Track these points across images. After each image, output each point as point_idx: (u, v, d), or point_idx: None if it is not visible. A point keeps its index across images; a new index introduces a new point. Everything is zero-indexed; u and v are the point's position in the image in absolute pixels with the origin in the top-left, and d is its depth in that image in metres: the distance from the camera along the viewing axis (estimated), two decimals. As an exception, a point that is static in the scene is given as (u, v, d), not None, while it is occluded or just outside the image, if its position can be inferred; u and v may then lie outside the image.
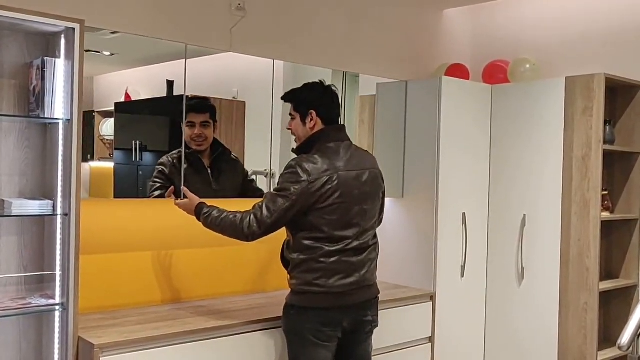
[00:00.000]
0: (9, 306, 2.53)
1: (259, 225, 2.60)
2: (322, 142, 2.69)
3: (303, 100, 2.75)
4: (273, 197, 2.62)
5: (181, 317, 2.98)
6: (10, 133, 2.67)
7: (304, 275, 2.65)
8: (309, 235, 2.63)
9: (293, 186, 2.58)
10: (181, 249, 3.36)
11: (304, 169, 2.59)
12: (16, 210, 2.56)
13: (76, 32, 2.53)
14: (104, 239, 3.08)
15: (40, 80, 2.58)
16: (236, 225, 2.63)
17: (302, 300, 2.67)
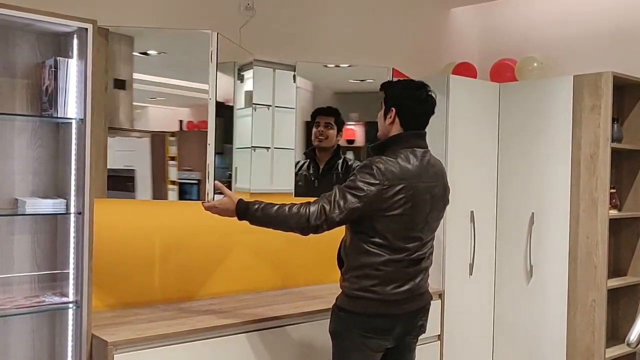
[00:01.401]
0: (22, 304, 2.55)
1: (326, 220, 2.44)
2: (401, 146, 2.55)
3: (391, 94, 2.61)
4: (344, 193, 2.45)
5: (194, 314, 3.00)
6: (23, 132, 2.69)
7: (359, 280, 2.53)
8: (370, 239, 2.50)
9: (368, 187, 2.43)
10: (193, 246, 3.38)
11: (382, 171, 2.44)
12: (30, 209, 2.58)
13: (89, 32, 2.55)
14: (116, 236, 3.10)
15: (53, 80, 2.60)
16: (300, 216, 2.45)
17: (355, 305, 2.55)
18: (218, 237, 3.44)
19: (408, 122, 2.58)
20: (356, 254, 2.56)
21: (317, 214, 2.44)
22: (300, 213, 2.46)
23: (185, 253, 3.35)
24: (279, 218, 2.50)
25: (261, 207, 2.53)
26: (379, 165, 2.46)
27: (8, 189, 2.66)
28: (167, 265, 3.29)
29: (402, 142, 2.57)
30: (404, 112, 2.58)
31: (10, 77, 2.64)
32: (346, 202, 2.44)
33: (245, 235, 3.48)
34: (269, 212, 2.52)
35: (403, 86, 2.65)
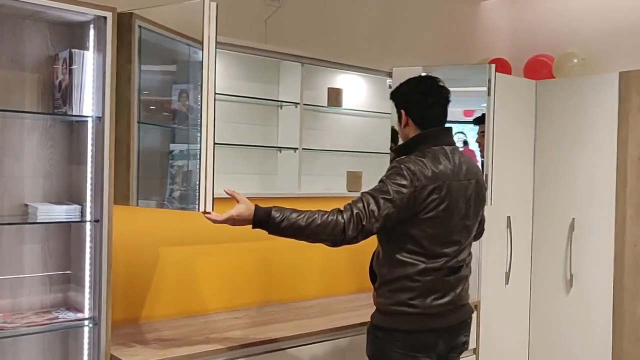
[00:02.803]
0: (34, 321, 2.31)
1: (362, 230, 2.20)
2: (426, 145, 2.35)
3: (397, 97, 2.44)
4: (376, 199, 2.21)
5: (218, 330, 2.76)
6: (33, 131, 2.46)
7: (395, 294, 2.32)
8: (404, 248, 2.29)
9: (399, 189, 2.22)
10: (215, 256, 3.13)
11: (412, 171, 2.24)
12: (42, 216, 2.35)
13: (108, 21, 2.31)
14: (132, 245, 2.86)
15: (67, 75, 2.37)
16: (333, 227, 2.18)
17: (392, 322, 2.34)
18: (234, 245, 3.20)
19: (422, 119, 2.38)
20: (390, 266, 2.34)
21: (353, 224, 2.19)
22: (333, 223, 2.19)
23: (205, 263, 3.10)
24: (309, 229, 2.20)
25: (286, 216, 2.21)
26: (409, 165, 2.26)
27: (17, 193, 2.43)
28: (187, 276, 3.04)
29: (426, 141, 2.36)
30: (413, 108, 2.38)
31: (19, 71, 2.41)
32: (380, 209, 2.21)
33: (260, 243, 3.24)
34: (297, 221, 2.20)
35: (406, 85, 2.45)
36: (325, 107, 3.44)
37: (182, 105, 2.50)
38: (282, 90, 3.32)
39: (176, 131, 2.55)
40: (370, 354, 2.42)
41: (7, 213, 2.39)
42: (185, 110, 2.50)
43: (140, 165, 2.47)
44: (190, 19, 2.33)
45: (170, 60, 2.59)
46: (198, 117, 2.41)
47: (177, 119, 2.53)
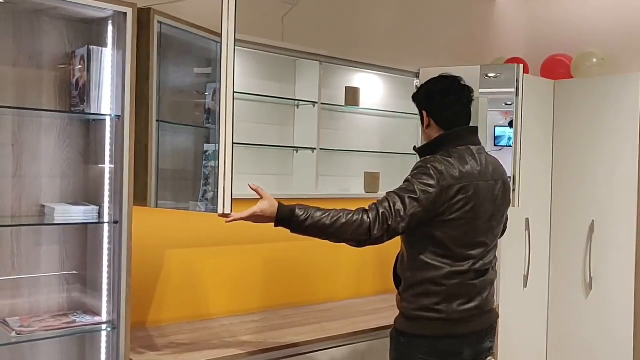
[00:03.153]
0: (52, 325, 2.25)
1: (388, 230, 2.13)
2: (452, 144, 2.29)
3: (418, 99, 2.39)
4: (402, 198, 2.15)
5: (236, 333, 2.71)
6: (50, 131, 2.40)
7: (420, 298, 2.26)
8: (428, 250, 2.23)
9: (426, 189, 2.16)
10: (222, 257, 3.07)
11: (439, 170, 2.19)
12: (59, 217, 2.29)
13: (128, 17, 2.25)
14: (139, 247, 2.80)
15: (86, 72, 2.31)
16: (359, 226, 2.12)
17: (416, 327, 2.28)
18: (254, 247, 3.15)
19: (443, 119, 2.32)
20: (414, 269, 2.27)
21: (379, 224, 2.13)
22: (358, 222, 2.13)
23: (216, 265, 3.04)
24: (333, 227, 2.13)
25: (310, 214, 2.15)
26: (435, 164, 2.21)
27: (34, 194, 2.37)
28: (197, 279, 2.98)
29: (451, 141, 2.30)
30: (434, 109, 2.33)
31: (36, 68, 2.35)
32: (406, 209, 2.15)
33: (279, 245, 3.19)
34: (321, 220, 2.13)
35: (426, 85, 2.41)
36: (343, 106, 3.38)
37: (216, 104, 2.43)
38: (299, 89, 3.26)
39: (211, 131, 2.48)
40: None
41: (24, 214, 2.34)
42: (218, 109, 2.42)
43: (160, 166, 2.41)
44: (211, 14, 2.27)
45: (200, 58, 2.53)
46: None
47: (211, 118, 2.47)
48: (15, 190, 2.32)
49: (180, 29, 2.39)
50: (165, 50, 2.42)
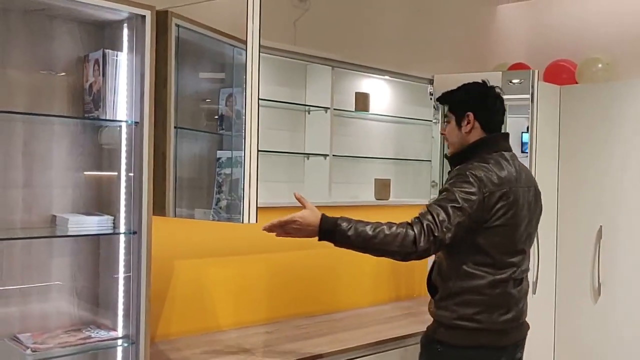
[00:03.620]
0: (67, 341, 2.16)
1: (435, 242, 2.07)
2: (487, 150, 2.27)
3: (460, 101, 2.34)
4: (445, 209, 2.10)
5: (254, 345, 2.63)
6: (62, 138, 2.31)
7: (460, 307, 2.20)
8: (470, 258, 2.18)
9: (468, 197, 2.11)
10: (228, 267, 2.99)
11: (478, 177, 2.15)
12: (73, 228, 2.20)
13: (147, 19, 2.17)
14: (156, 257, 2.71)
15: (101, 77, 2.22)
16: (404, 238, 2.05)
17: (455, 337, 2.22)
18: (261, 257, 3.07)
19: (489, 124, 2.31)
20: (454, 277, 2.23)
21: (424, 236, 2.07)
22: (403, 234, 2.06)
23: (232, 276, 2.96)
24: (377, 239, 2.07)
25: (354, 226, 2.09)
26: (475, 172, 2.17)
27: (45, 204, 2.27)
28: (205, 290, 2.89)
29: (488, 146, 2.28)
30: (484, 113, 2.30)
31: (48, 73, 2.26)
32: (451, 218, 2.10)
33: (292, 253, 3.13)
34: (365, 232, 2.07)
35: (468, 89, 2.37)
36: (353, 112, 3.33)
37: (230, 110, 2.37)
38: (309, 94, 3.20)
39: (224, 137, 2.41)
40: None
41: (35, 225, 2.24)
42: (233, 115, 2.36)
43: (177, 174, 2.33)
44: (232, 17, 2.20)
45: (216, 61, 2.46)
46: (243, 122, 2.28)
47: (224, 124, 2.40)
48: (26, 201, 2.23)
49: (197, 32, 2.31)
50: (181, 54, 2.34)
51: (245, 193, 2.08)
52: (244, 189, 2.09)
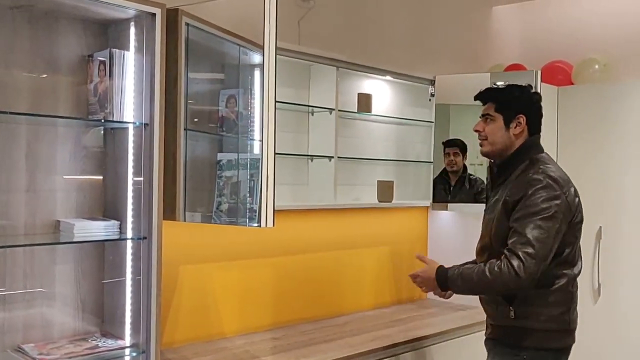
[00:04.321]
0: (74, 352, 2.08)
1: (537, 262, 2.03)
2: (535, 151, 2.28)
3: (512, 102, 2.30)
4: (536, 223, 2.06)
5: (259, 354, 2.56)
6: (66, 140, 2.23)
7: (546, 308, 2.15)
8: (557, 258, 2.14)
9: (554, 202, 2.09)
10: (231, 271, 2.93)
11: (554, 179, 2.13)
12: (79, 233, 2.12)
13: (157, 18, 2.10)
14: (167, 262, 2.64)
15: (107, 77, 2.15)
16: (504, 275, 2.04)
17: (543, 340, 2.17)
18: (263, 262, 3.01)
19: (538, 126, 2.32)
20: (541, 277, 2.12)
21: (523, 265, 2.02)
22: (504, 272, 2.04)
23: (235, 281, 2.89)
24: (481, 283, 2.12)
25: (459, 273, 2.19)
26: (547, 173, 2.15)
27: (48, 209, 2.19)
28: (216, 295, 2.82)
29: (537, 148, 2.30)
30: (535, 115, 2.31)
31: (52, 73, 2.18)
32: (544, 232, 2.06)
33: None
34: (470, 277, 2.14)
35: (520, 91, 2.34)
36: (355, 112, 3.28)
37: (231, 111, 2.31)
38: (313, 95, 3.15)
39: (224, 139, 2.35)
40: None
41: (39, 231, 2.15)
42: (234, 117, 2.30)
43: (187, 177, 2.26)
44: (246, 16, 2.14)
45: (218, 62, 2.40)
46: (248, 124, 2.23)
47: (225, 126, 2.34)
48: (29, 205, 2.14)
49: (207, 31, 2.25)
50: (190, 53, 2.28)
51: (263, 197, 2.01)
52: (261, 193, 2.03)
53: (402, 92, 3.62)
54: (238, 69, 2.32)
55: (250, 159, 2.21)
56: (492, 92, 2.38)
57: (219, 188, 2.31)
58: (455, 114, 3.49)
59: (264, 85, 2.02)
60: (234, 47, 2.27)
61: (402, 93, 3.62)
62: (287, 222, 2.92)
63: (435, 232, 3.78)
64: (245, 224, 2.20)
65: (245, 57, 2.25)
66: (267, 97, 2.02)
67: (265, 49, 2.00)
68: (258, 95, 2.11)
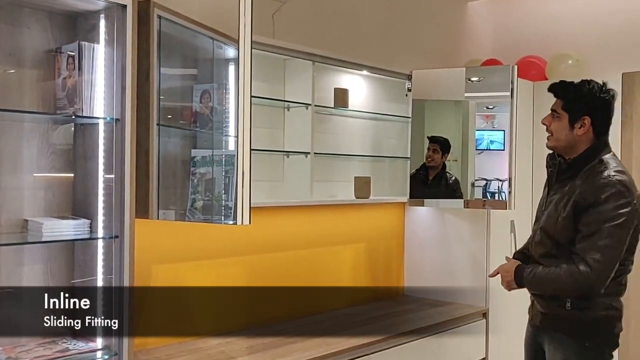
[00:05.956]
0: (44, 355, 2.01)
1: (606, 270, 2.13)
2: (605, 152, 2.29)
3: (579, 101, 2.29)
4: (610, 230, 2.13)
5: (234, 354, 2.51)
6: (32, 136, 2.15)
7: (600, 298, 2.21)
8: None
9: (624, 209, 2.14)
10: (202, 270, 2.87)
11: (624, 184, 2.17)
12: (48, 233, 2.05)
13: (127, 10, 2.03)
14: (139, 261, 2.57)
15: (76, 71, 2.08)
16: (577, 279, 2.13)
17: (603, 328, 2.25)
18: (236, 260, 2.96)
19: (602, 129, 2.31)
20: None
21: (592, 271, 2.12)
22: (576, 278, 2.14)
23: (208, 280, 2.84)
24: (554, 279, 2.21)
25: (534, 272, 2.27)
26: (618, 177, 2.18)
27: (16, 207, 2.12)
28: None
29: (606, 149, 2.31)
30: (599, 120, 2.29)
31: (17, 67, 2.10)
32: (616, 239, 2.14)
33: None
34: (543, 275, 2.24)
35: (590, 90, 2.32)
36: (332, 108, 3.25)
37: (205, 107, 2.25)
38: (288, 90, 3.10)
39: (198, 135, 2.30)
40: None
41: (5, 230, 2.08)
42: (208, 112, 2.25)
43: (160, 174, 2.20)
44: (220, 9, 2.09)
45: (191, 56, 2.34)
46: (223, 119, 2.19)
47: (199, 122, 2.28)
48: (-5, 204, 2.06)
49: (180, 24, 2.19)
50: (162, 47, 2.21)
51: (239, 194, 1.97)
52: (237, 190, 1.98)
53: (379, 87, 3.59)
54: (212, 63, 2.27)
55: (225, 155, 2.17)
56: (563, 87, 2.36)
57: (193, 185, 2.26)
58: (431, 110, 3.48)
59: (239, 80, 1.97)
60: (208, 41, 2.22)
61: (379, 88, 3.59)
62: (262, 220, 2.87)
63: (412, 228, 3.77)
64: (221, 221, 2.15)
65: (219, 51, 2.20)
66: (243, 92, 1.97)
67: (241, 43, 1.95)
68: (233, 90, 2.07)
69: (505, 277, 2.38)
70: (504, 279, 2.40)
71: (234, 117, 2.02)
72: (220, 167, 2.18)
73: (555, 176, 2.39)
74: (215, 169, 2.20)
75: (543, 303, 2.35)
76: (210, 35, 2.18)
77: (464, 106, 3.43)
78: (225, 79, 2.18)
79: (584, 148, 2.28)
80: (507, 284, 2.39)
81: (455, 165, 3.56)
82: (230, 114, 2.11)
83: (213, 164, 2.21)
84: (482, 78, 3.44)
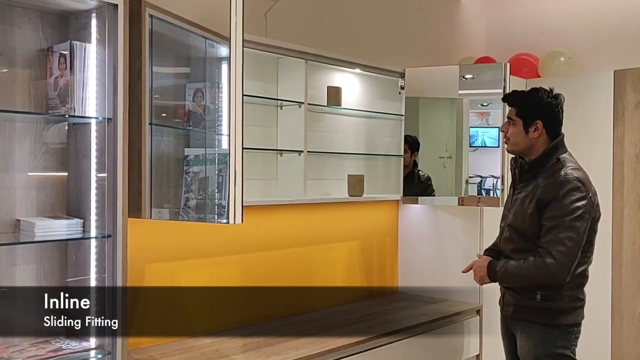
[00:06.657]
0: (37, 355, 2.01)
1: (570, 260, 2.31)
2: (560, 152, 2.47)
3: (530, 107, 2.48)
4: (569, 224, 2.31)
5: (229, 352, 2.52)
6: (24, 136, 2.15)
7: (573, 291, 2.41)
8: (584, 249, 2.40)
9: (581, 202, 2.34)
10: (196, 270, 2.88)
11: (581, 180, 2.37)
12: (40, 233, 2.05)
13: (119, 9, 2.03)
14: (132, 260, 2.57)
15: (68, 71, 2.07)
16: (542, 269, 2.31)
17: (571, 317, 2.43)
18: (230, 259, 2.96)
19: (555, 131, 2.49)
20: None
21: (557, 263, 2.31)
22: (542, 270, 2.33)
23: (202, 279, 2.84)
24: (523, 271, 2.38)
25: (505, 265, 2.43)
26: (574, 175, 2.38)
27: (8, 207, 2.11)
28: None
29: (562, 147, 2.50)
30: (550, 123, 2.48)
31: (9, 66, 2.09)
32: (576, 231, 2.33)
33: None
34: (512, 268, 2.40)
35: (539, 96, 2.51)
36: (325, 106, 3.25)
37: (198, 105, 2.25)
38: (281, 89, 3.10)
39: (191, 134, 2.29)
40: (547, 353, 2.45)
41: (-2, 231, 2.07)
42: (201, 111, 2.25)
43: (153, 173, 2.20)
44: (212, 8, 2.09)
45: (183, 55, 2.34)
46: (216, 118, 2.18)
47: (192, 120, 2.28)
48: (-14, 204, 2.06)
49: (171, 23, 2.18)
50: (154, 46, 2.21)
51: (231, 193, 1.97)
52: (229, 188, 1.98)
53: (372, 85, 3.59)
54: (205, 62, 2.27)
55: (218, 154, 2.17)
56: (515, 96, 2.55)
57: (186, 184, 2.26)
58: (424, 107, 3.49)
59: (231, 79, 1.97)
60: (200, 40, 2.22)
61: (372, 86, 3.59)
62: (256, 218, 2.87)
63: (405, 225, 3.78)
64: (214, 220, 2.16)
65: (211, 50, 2.19)
66: (235, 91, 1.96)
67: (232, 42, 1.95)
68: (225, 88, 2.07)
69: (479, 273, 2.51)
70: (477, 274, 2.53)
71: (227, 115, 2.02)
72: (213, 165, 2.18)
73: (519, 176, 2.54)
74: (208, 168, 2.21)
75: (515, 295, 2.50)
76: (203, 34, 2.18)
77: (458, 103, 3.44)
78: (217, 77, 2.18)
79: (542, 149, 2.46)
80: (480, 279, 2.53)
81: (449, 162, 3.58)
82: (223, 112, 2.11)
83: (206, 163, 2.21)
84: (476, 75, 3.45)
